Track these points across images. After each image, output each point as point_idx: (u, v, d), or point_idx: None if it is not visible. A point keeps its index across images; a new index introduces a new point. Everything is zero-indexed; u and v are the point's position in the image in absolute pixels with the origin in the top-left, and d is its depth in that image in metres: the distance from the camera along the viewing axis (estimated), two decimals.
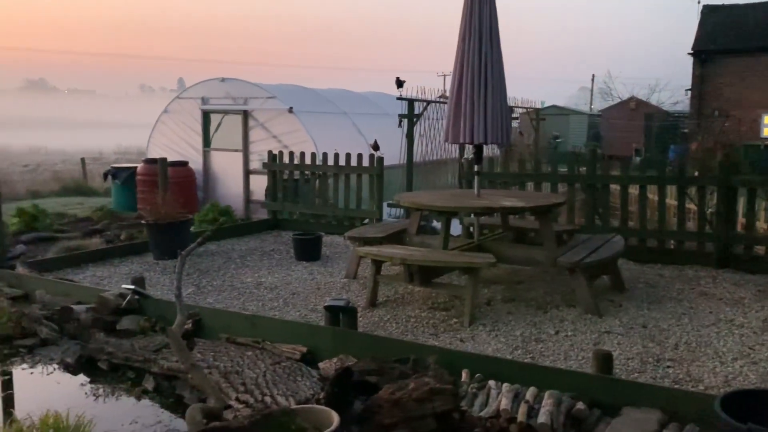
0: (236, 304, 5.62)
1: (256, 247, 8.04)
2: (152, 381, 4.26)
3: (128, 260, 7.26)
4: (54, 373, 4.53)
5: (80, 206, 12.23)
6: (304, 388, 3.83)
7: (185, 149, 11.53)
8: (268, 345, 4.47)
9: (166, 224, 7.32)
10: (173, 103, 11.79)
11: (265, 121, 10.74)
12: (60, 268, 6.74)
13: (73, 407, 3.54)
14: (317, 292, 6.00)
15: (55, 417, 3.29)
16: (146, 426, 3.74)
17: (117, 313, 5.08)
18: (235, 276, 6.58)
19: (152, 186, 10.30)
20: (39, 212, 9.56)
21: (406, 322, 5.14)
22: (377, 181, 8.49)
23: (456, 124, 5.87)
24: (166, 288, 6.09)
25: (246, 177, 10.83)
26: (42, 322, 5.06)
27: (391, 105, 11.77)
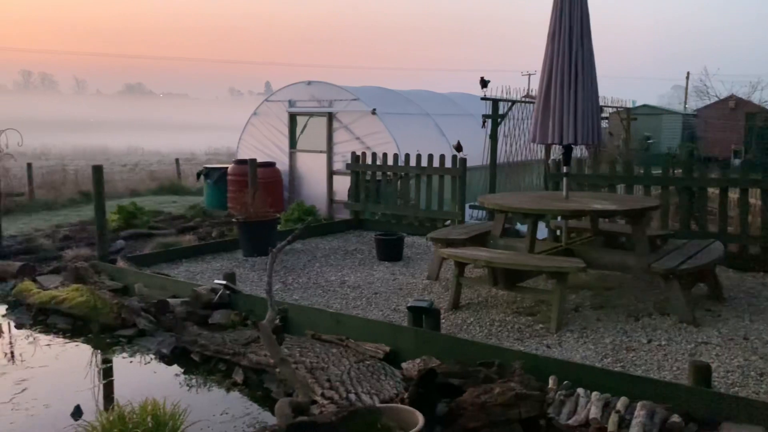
0: (321, 301, 5.73)
1: (339, 247, 8.17)
2: (241, 374, 4.41)
3: (219, 256, 7.56)
4: (151, 363, 4.77)
5: (174, 204, 12.85)
6: (387, 387, 3.84)
7: (272, 150, 11.87)
8: (351, 343, 4.53)
9: (255, 222, 7.56)
10: (262, 106, 12.17)
11: (349, 122, 10.90)
12: (156, 263, 7.09)
13: (168, 396, 3.70)
14: (399, 292, 6.02)
15: (153, 404, 3.45)
16: (236, 417, 3.88)
17: (209, 307, 5.30)
18: (319, 274, 6.71)
19: (242, 185, 10.67)
20: (137, 210, 10.12)
21: (489, 325, 5.07)
22: (460, 183, 8.43)
23: (544, 124, 5.74)
24: (255, 284, 6.29)
25: (329, 177, 11.04)
26: (140, 314, 5.35)
27: (474, 105, 11.65)
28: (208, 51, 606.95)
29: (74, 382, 4.41)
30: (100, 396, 4.27)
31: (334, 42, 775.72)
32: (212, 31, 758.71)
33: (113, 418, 3.32)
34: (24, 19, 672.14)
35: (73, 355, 4.95)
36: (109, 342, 5.17)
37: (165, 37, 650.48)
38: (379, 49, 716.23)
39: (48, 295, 5.80)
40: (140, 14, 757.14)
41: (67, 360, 4.85)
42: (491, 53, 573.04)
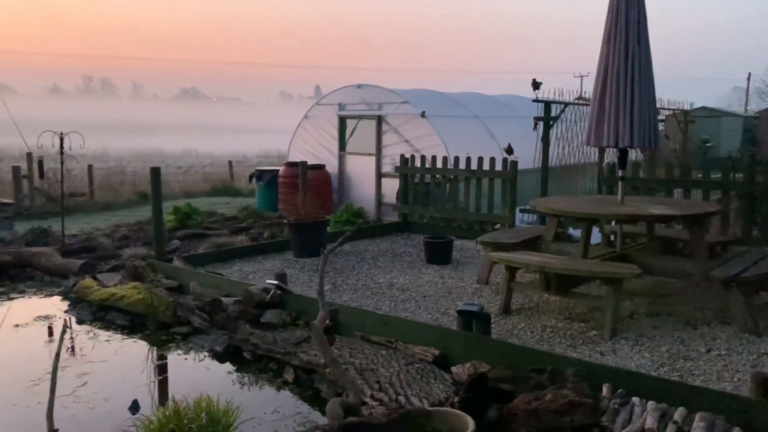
0: (370, 303, 5.75)
1: (388, 249, 8.18)
2: (292, 373, 4.47)
3: (271, 257, 7.68)
4: (204, 360, 4.88)
5: (227, 205, 13.13)
6: (437, 390, 3.83)
7: (322, 153, 12.00)
8: (400, 345, 4.53)
9: (305, 224, 7.66)
10: (313, 109, 12.32)
11: (398, 125, 10.92)
12: (210, 262, 7.26)
13: (221, 393, 3.78)
14: (448, 296, 5.99)
15: (208, 401, 3.53)
16: (286, 416, 3.93)
17: (261, 306, 5.39)
18: (368, 276, 6.74)
19: (292, 187, 10.84)
20: (192, 210, 10.38)
21: (541, 331, 4.99)
22: (510, 186, 8.33)
23: (599, 126, 5.62)
24: (305, 284, 6.37)
25: (378, 180, 11.08)
26: (195, 312, 5.48)
27: (525, 107, 11.51)
28: (259, 55, 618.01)
29: (131, 376, 4.55)
30: (156, 391, 4.40)
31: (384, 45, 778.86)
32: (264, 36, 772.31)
33: (169, 413, 3.41)
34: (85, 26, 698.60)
35: (130, 351, 5.11)
36: (164, 339, 5.32)
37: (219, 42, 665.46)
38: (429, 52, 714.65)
39: (107, 292, 6.01)
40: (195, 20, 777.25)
41: (125, 355, 5.01)
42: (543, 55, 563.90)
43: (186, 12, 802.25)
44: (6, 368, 4.74)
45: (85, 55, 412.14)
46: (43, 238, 8.68)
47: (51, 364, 4.71)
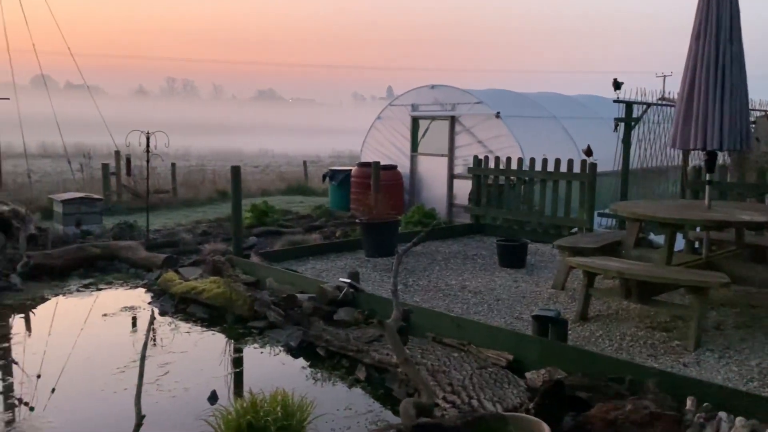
0: (441, 305, 5.72)
1: (459, 251, 8.12)
2: (364, 371, 4.50)
3: (343, 255, 7.77)
4: (279, 355, 4.99)
5: (301, 204, 13.39)
6: (510, 395, 3.77)
7: (394, 153, 12.04)
8: (473, 348, 4.48)
9: (377, 224, 7.71)
10: (386, 110, 12.38)
11: (472, 126, 10.82)
12: (285, 259, 7.42)
13: (296, 388, 3.85)
14: (522, 300, 5.88)
15: (283, 395, 3.60)
16: (358, 414, 3.96)
17: (334, 303, 5.47)
18: (439, 277, 6.71)
19: (364, 187, 10.93)
20: (268, 208, 10.65)
21: (620, 339, 4.81)
22: (588, 189, 8.09)
23: (685, 128, 5.37)
24: (377, 284, 6.40)
25: (450, 181, 11.02)
26: (270, 307, 5.61)
27: (605, 108, 11.15)
28: (334, 57, 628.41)
29: (210, 368, 4.71)
30: (233, 382, 4.53)
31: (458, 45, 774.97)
32: (339, 38, 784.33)
33: (246, 405, 3.51)
34: (169, 29, 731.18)
35: (209, 343, 5.30)
36: (241, 332, 5.48)
37: (295, 45, 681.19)
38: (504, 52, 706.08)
39: (188, 285, 6.24)
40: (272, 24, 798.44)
41: (205, 347, 5.20)
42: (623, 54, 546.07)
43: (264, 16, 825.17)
44: (95, 355, 5.01)
45: (169, 57, 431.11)
46: (129, 233, 9.12)
47: (135, 352, 4.95)
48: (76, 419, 3.90)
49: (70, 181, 13.95)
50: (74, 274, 7.32)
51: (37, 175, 16.02)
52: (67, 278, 7.20)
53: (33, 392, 4.22)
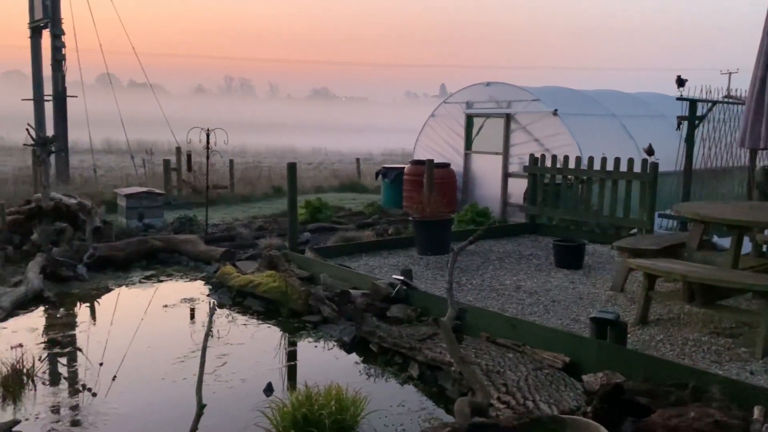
0: (495, 304, 5.66)
1: (514, 250, 8.01)
2: (417, 369, 4.50)
3: (395, 253, 7.78)
4: (333, 349, 5.04)
5: (354, 201, 13.48)
6: (567, 398, 3.70)
7: (448, 151, 11.98)
8: (528, 349, 4.42)
9: (430, 222, 7.68)
10: (440, 108, 12.33)
11: (528, 124, 10.65)
12: (338, 255, 7.48)
13: (349, 382, 3.88)
14: (579, 302, 5.75)
15: (337, 389, 3.64)
16: (411, 411, 3.96)
17: (387, 300, 5.48)
18: (493, 277, 6.63)
19: (417, 185, 10.92)
20: (322, 205, 10.77)
21: (682, 345, 4.66)
22: (649, 189, 7.86)
23: (755, 126, 5.15)
24: (429, 282, 6.39)
25: (504, 180, 10.88)
26: (325, 302, 5.67)
27: (666, 106, 10.80)
28: (387, 56, 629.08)
29: (266, 360, 4.80)
30: (288, 375, 4.60)
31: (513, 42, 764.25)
32: (392, 37, 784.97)
33: (301, 398, 3.56)
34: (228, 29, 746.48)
35: (265, 336, 5.39)
36: (296, 326, 5.56)
37: (348, 44, 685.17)
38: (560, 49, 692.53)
39: (245, 279, 6.37)
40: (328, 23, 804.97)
41: (261, 339, 5.30)
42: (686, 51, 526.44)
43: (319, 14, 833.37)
44: (156, 345, 5.17)
45: (227, 57, 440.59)
46: (188, 226, 9.38)
47: (194, 343, 5.09)
48: (139, 406, 4.04)
49: (133, 176, 14.45)
50: (136, 266, 7.58)
51: (101, 170, 16.66)
52: (129, 270, 7.46)
53: (96, 379, 4.39)
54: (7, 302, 5.78)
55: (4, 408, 3.93)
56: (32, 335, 5.29)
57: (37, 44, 14.38)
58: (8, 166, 17.26)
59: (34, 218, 7.90)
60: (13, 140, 26.60)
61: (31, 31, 14.35)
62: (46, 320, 5.75)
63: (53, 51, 13.83)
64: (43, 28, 14.03)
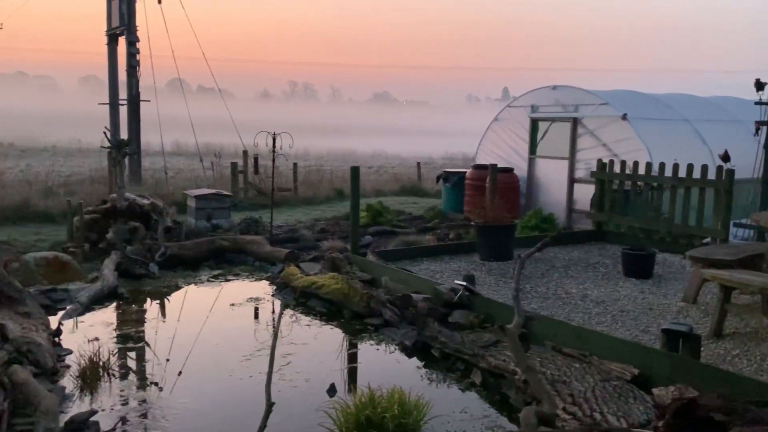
0: (560, 313, 5.53)
1: (580, 258, 7.82)
2: (479, 376, 4.45)
3: (457, 258, 7.73)
4: (394, 353, 5.05)
5: (414, 205, 13.48)
6: (636, 411, 3.58)
7: (511, 156, 11.82)
8: (594, 360, 4.30)
9: (493, 227, 7.60)
10: (503, 112, 12.18)
11: (595, 128, 10.39)
12: (399, 259, 7.49)
13: (411, 387, 3.88)
14: (649, 312, 5.56)
15: (400, 393, 3.65)
16: (474, 417, 3.92)
17: (449, 305, 5.45)
18: (558, 285, 6.49)
19: (479, 190, 10.81)
20: (383, 209, 10.82)
21: (760, 360, 4.43)
22: (725, 197, 7.53)
23: None
24: (492, 288, 6.31)
25: (570, 185, 10.64)
26: (386, 305, 5.69)
27: (744, 111, 10.33)
28: (448, 59, 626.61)
29: (328, 361, 4.85)
30: (350, 377, 4.64)
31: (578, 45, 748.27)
32: (453, 40, 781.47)
33: (365, 400, 3.58)
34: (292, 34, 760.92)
35: (327, 337, 5.46)
36: (358, 328, 5.60)
37: (409, 48, 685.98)
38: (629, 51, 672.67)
39: (309, 280, 6.47)
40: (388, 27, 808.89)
41: (323, 340, 5.36)
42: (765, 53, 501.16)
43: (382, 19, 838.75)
44: (222, 342, 5.31)
45: (291, 61, 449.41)
46: (254, 227, 9.60)
47: (260, 342, 5.20)
48: (207, 402, 4.16)
49: (202, 178, 14.90)
50: (205, 265, 7.82)
51: (171, 172, 17.24)
52: (198, 268, 7.70)
53: (163, 374, 4.54)
54: (85, 297, 6.06)
55: (81, 398, 4.12)
56: (107, 329, 5.53)
57: (114, 51, 15.05)
58: (85, 167, 18.11)
59: (109, 217, 8.26)
60: (90, 142, 27.95)
61: (108, 38, 15.03)
62: (119, 315, 6.00)
63: (128, 57, 14.43)
64: (120, 35, 14.68)
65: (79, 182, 14.13)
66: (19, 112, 57.34)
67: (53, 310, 5.83)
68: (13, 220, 10.12)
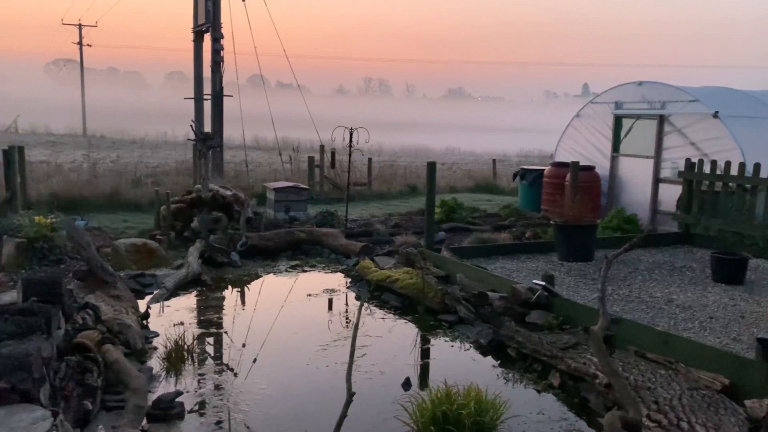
0: (644, 317, 5.32)
1: (665, 261, 7.49)
2: (558, 378, 4.34)
3: (533, 257, 7.57)
4: (469, 351, 5.00)
5: (488, 202, 13.31)
6: (727, 423, 3.39)
7: (592, 154, 11.46)
8: (681, 367, 4.11)
9: (574, 227, 7.38)
10: (586, 108, 11.82)
11: (683, 126, 9.91)
12: (474, 256, 7.41)
13: (488, 386, 3.83)
14: (741, 320, 5.26)
15: (477, 391, 3.61)
16: (552, 420, 3.83)
17: (526, 305, 5.34)
18: (642, 288, 6.25)
19: (558, 188, 10.55)
20: (457, 205, 10.74)
21: None
22: None
23: None
24: (571, 289, 6.14)
25: (655, 185, 10.21)
26: (461, 302, 5.64)
27: None
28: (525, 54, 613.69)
29: (402, 355, 4.86)
30: (424, 372, 4.63)
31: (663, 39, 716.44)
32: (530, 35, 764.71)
33: (441, 395, 3.57)
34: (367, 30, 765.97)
35: (401, 331, 5.47)
36: (432, 324, 5.58)
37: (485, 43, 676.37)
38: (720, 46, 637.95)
39: (383, 274, 6.50)
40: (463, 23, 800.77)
41: (397, 334, 5.38)
42: None
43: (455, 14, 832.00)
44: (300, 332, 5.42)
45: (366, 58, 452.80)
46: (329, 221, 9.74)
47: (336, 333, 5.28)
48: (285, 388, 4.25)
49: (279, 171, 15.26)
50: (283, 256, 8.01)
51: (251, 165, 17.77)
52: (276, 259, 7.90)
53: (240, 360, 4.68)
54: (171, 283, 6.33)
55: (167, 379, 4.30)
56: (190, 314, 5.76)
57: (199, 47, 15.59)
58: (170, 159, 18.91)
59: (194, 207, 8.59)
60: (175, 135, 29.16)
61: (195, 35, 15.59)
62: (202, 301, 6.23)
63: (213, 53, 14.92)
64: (205, 32, 15.20)
65: (165, 173, 14.77)
66: (110, 106, 60.57)
67: (141, 294, 6.12)
68: (104, 208, 10.71)
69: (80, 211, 9.97)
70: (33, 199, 9.88)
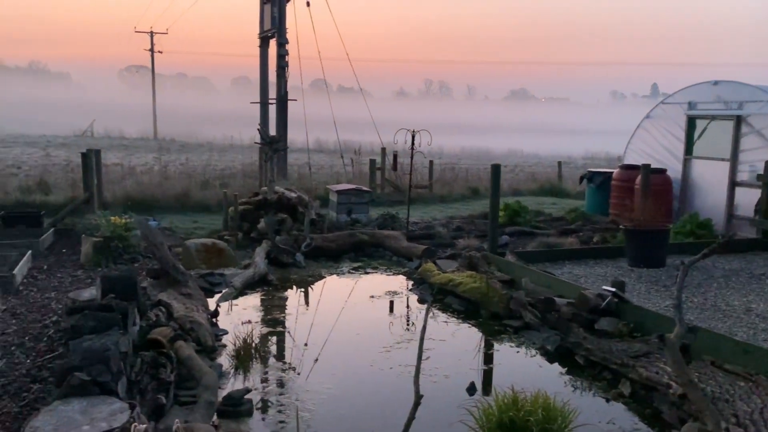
0: (720, 327, 5.09)
1: (743, 268, 7.15)
2: (629, 387, 4.21)
3: (602, 263, 7.36)
4: (535, 357, 4.90)
5: (554, 206, 13.03)
6: None
7: (663, 156, 11.05)
8: (762, 380, 3.90)
9: (645, 231, 7.14)
10: (656, 109, 11.41)
11: (763, 127, 9.43)
12: (540, 260, 7.26)
13: (556, 393, 3.74)
14: None
15: (545, 398, 3.53)
16: (623, 430, 3.72)
17: (595, 312, 5.19)
18: (718, 296, 5.98)
19: (627, 191, 10.23)
20: (521, 208, 10.56)
21: None
22: None
23: None
24: (642, 296, 5.94)
25: (731, 189, 9.74)
26: (527, 308, 5.55)
27: None
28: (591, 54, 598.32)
29: (466, 359, 4.81)
30: (488, 377, 4.57)
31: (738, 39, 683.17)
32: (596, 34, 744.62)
33: (508, 401, 3.51)
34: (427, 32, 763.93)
35: (465, 335, 5.42)
36: (496, 329, 5.51)
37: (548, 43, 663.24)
38: None
39: (446, 277, 6.46)
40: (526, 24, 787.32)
41: (461, 338, 5.33)
42: None
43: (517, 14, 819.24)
44: (363, 333, 5.45)
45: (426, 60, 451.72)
46: (391, 223, 9.77)
47: (399, 335, 5.28)
48: (349, 389, 4.28)
49: (341, 173, 15.42)
50: (345, 257, 8.08)
51: (313, 168, 18.04)
52: (339, 260, 7.98)
53: (301, 359, 4.74)
54: (239, 282, 6.49)
55: (236, 376, 4.41)
56: (257, 313, 5.88)
57: (265, 53, 15.95)
58: (237, 162, 19.42)
59: (260, 209, 8.78)
60: (241, 139, 29.94)
61: (260, 41, 15.96)
62: (268, 301, 6.36)
63: (278, 58, 15.23)
64: (271, 37, 15.54)
65: (232, 176, 15.17)
66: (180, 110, 62.80)
67: (210, 293, 6.29)
68: (174, 209, 11.09)
69: (152, 212, 10.36)
70: (108, 200, 10.34)
